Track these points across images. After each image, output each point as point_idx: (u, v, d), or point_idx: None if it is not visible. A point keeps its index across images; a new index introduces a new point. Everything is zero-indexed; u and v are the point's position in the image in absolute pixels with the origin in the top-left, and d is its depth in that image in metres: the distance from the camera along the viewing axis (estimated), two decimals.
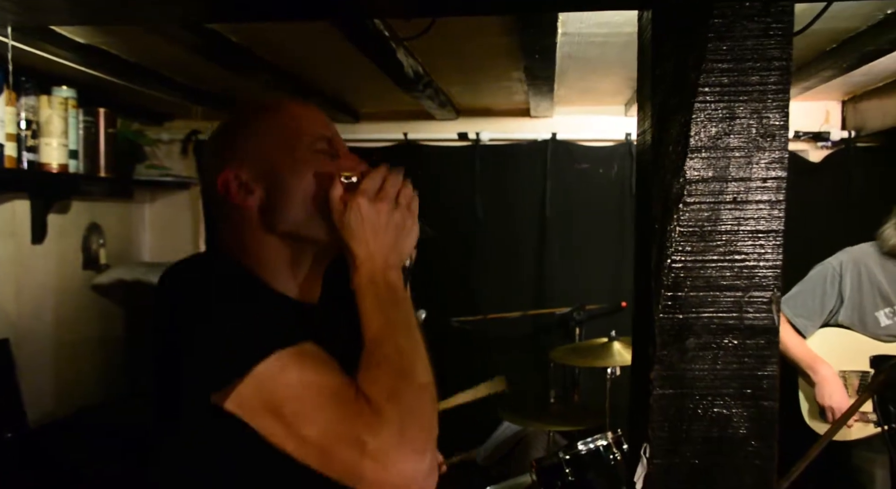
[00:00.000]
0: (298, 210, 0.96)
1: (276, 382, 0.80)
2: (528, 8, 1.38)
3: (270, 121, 1.00)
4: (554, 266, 3.16)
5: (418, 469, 0.79)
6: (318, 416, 0.79)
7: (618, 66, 2.34)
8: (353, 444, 0.78)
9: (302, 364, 0.82)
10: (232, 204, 0.97)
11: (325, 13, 1.26)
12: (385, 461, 0.77)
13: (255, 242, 0.98)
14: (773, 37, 0.94)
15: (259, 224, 0.97)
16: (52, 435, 2.37)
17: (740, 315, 0.97)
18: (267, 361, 0.80)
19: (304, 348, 0.83)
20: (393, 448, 0.78)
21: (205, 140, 3.34)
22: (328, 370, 0.83)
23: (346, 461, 0.78)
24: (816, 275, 2.38)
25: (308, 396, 0.80)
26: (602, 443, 2.11)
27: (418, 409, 0.82)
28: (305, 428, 0.79)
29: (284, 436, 0.80)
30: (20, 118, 2.37)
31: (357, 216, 0.91)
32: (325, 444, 0.79)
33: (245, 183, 0.97)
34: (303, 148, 0.98)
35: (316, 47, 2.16)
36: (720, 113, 0.95)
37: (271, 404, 0.80)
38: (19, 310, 2.58)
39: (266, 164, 0.97)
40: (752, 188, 0.96)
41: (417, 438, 0.80)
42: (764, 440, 0.97)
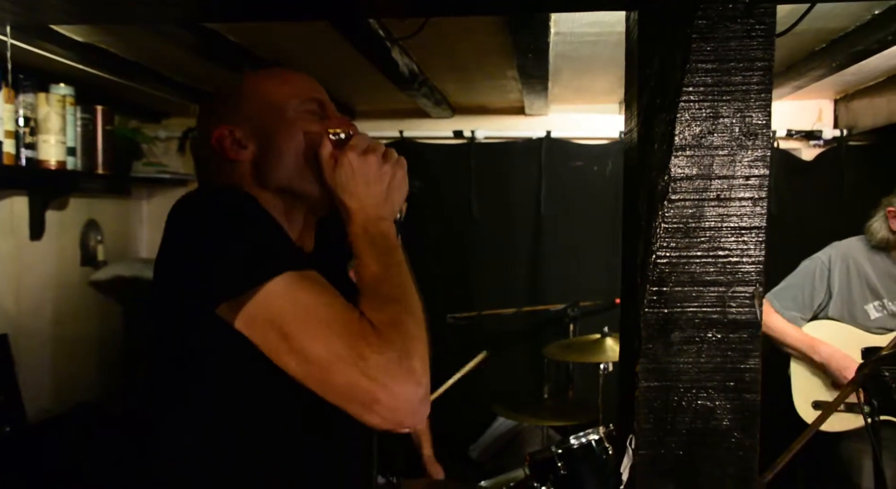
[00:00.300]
0: (289, 166, 1.00)
1: (284, 299, 0.82)
2: (517, 9, 1.40)
3: (265, 83, 1.04)
4: (548, 263, 3.18)
5: (416, 393, 0.81)
6: (322, 333, 0.81)
7: (611, 64, 2.36)
8: (355, 363, 0.80)
9: (310, 286, 0.84)
10: (225, 158, 1.00)
11: (321, 13, 1.28)
12: (385, 381, 0.80)
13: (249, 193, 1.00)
14: (756, 38, 0.96)
15: (252, 178, 1.01)
16: (50, 430, 2.39)
17: (724, 309, 0.99)
18: (277, 279, 0.82)
19: (312, 274, 0.86)
20: (393, 369, 0.80)
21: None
22: (334, 294, 0.86)
23: (347, 379, 0.80)
24: (805, 270, 2.40)
25: (314, 314, 0.82)
26: (594, 438, 2.14)
27: (418, 338, 0.85)
28: (310, 344, 0.81)
29: (288, 352, 0.82)
30: (18, 115, 2.39)
31: (348, 170, 0.95)
32: (328, 361, 0.80)
33: (238, 139, 1.00)
34: (294, 108, 1.01)
35: (313, 46, 2.18)
36: (704, 112, 0.97)
37: (278, 320, 0.82)
38: (18, 306, 2.60)
39: (259, 121, 1.01)
40: (735, 186, 0.98)
41: (416, 364, 0.82)
42: (746, 431, 1.00)
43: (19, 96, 2.40)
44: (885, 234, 2.24)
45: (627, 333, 1.07)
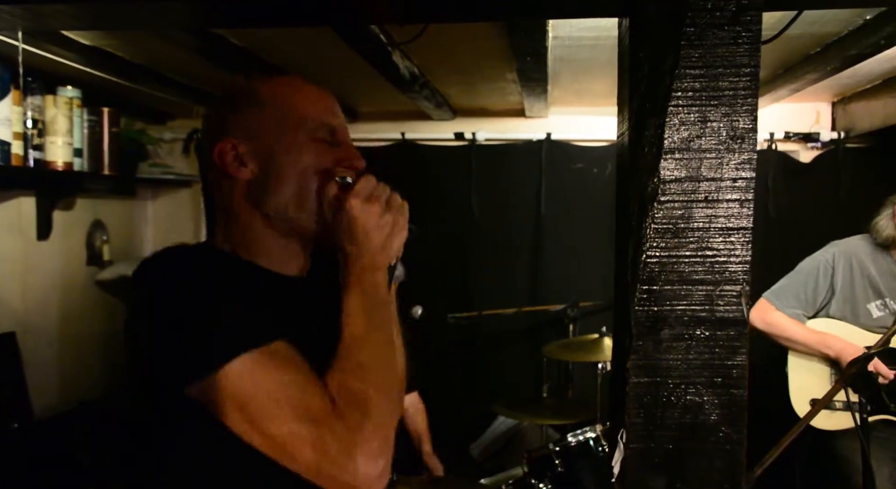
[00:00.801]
0: (287, 195, 0.97)
1: (243, 380, 0.83)
2: (512, 16, 1.43)
3: (279, 97, 1.00)
4: (548, 264, 3.21)
5: (374, 471, 0.84)
6: (281, 417, 0.83)
7: (609, 68, 2.38)
8: (314, 445, 0.82)
9: (271, 364, 0.85)
10: (224, 173, 0.99)
11: (323, 20, 1.32)
12: (343, 462, 0.82)
13: (242, 215, 0.99)
14: (743, 44, 0.99)
15: (245, 198, 0.98)
16: (56, 426, 2.43)
17: (711, 308, 1.02)
18: (236, 361, 0.83)
19: (276, 347, 0.86)
20: (352, 451, 0.82)
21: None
22: (297, 371, 0.86)
23: (307, 459, 0.83)
24: (808, 268, 2.39)
25: (274, 396, 0.83)
26: (591, 435, 2.17)
27: (378, 418, 0.86)
28: (269, 427, 0.83)
29: (250, 432, 0.84)
30: (27, 117, 2.43)
31: (350, 216, 0.93)
32: (287, 443, 0.83)
33: (241, 155, 0.98)
34: (304, 133, 0.98)
35: (315, 50, 2.21)
36: (692, 116, 1.00)
37: (238, 401, 0.83)
38: (25, 304, 2.64)
39: (265, 140, 0.98)
40: (722, 187, 1.01)
41: (374, 443, 0.84)
42: (734, 426, 1.03)
43: (27, 98, 2.44)
44: (891, 232, 2.26)
45: (619, 331, 1.10)
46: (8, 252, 2.59)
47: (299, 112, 0.99)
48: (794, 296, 2.37)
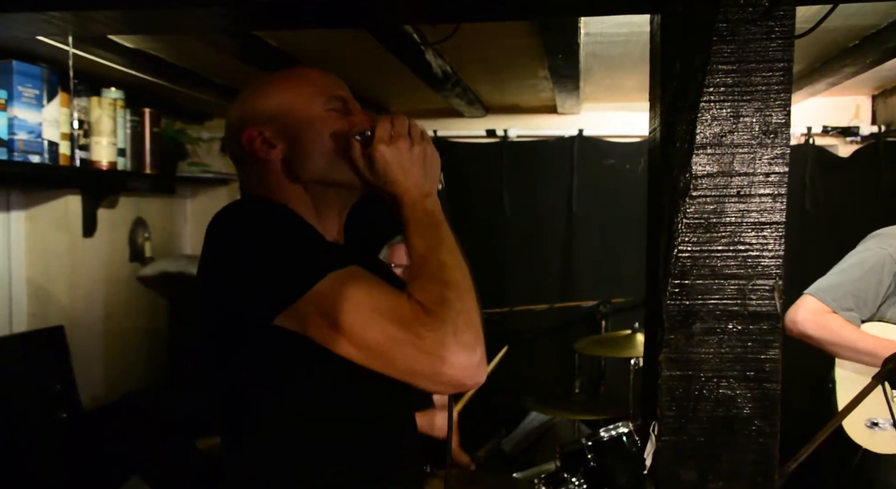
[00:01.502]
0: (320, 161, 1.05)
1: (335, 297, 0.88)
2: (542, 15, 1.45)
3: (289, 83, 1.09)
4: (580, 260, 3.21)
5: (471, 361, 0.89)
6: (377, 321, 0.88)
7: (642, 63, 2.38)
8: (412, 343, 0.87)
9: (356, 281, 0.91)
10: (256, 158, 1.06)
11: (358, 22, 1.35)
12: (442, 354, 0.87)
13: (281, 190, 1.06)
14: (776, 39, 1.00)
15: (284, 174, 1.06)
16: (103, 417, 2.52)
17: (744, 302, 1.02)
18: (324, 281, 0.89)
19: (354, 269, 0.93)
20: (447, 343, 0.87)
21: None
22: (379, 284, 0.92)
23: (407, 359, 0.88)
24: (867, 263, 2.01)
25: (366, 305, 0.89)
26: (624, 431, 2.17)
27: (465, 311, 0.91)
28: (367, 333, 0.88)
29: (348, 344, 0.89)
30: (73, 118, 2.52)
31: (382, 163, 1.00)
32: (387, 346, 0.88)
33: (268, 139, 1.05)
34: (318, 106, 1.07)
35: (349, 49, 2.25)
36: (725, 112, 1.01)
37: (332, 318, 0.88)
38: (72, 300, 2.74)
39: (286, 120, 1.06)
40: (755, 182, 1.01)
41: (467, 335, 0.89)
42: (767, 420, 1.03)
43: (73, 100, 2.54)
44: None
45: (651, 324, 1.11)
46: (56, 249, 2.69)
47: (311, 89, 1.08)
48: (852, 294, 1.99)
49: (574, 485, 2.11)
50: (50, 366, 2.37)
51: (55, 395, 2.34)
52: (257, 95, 1.10)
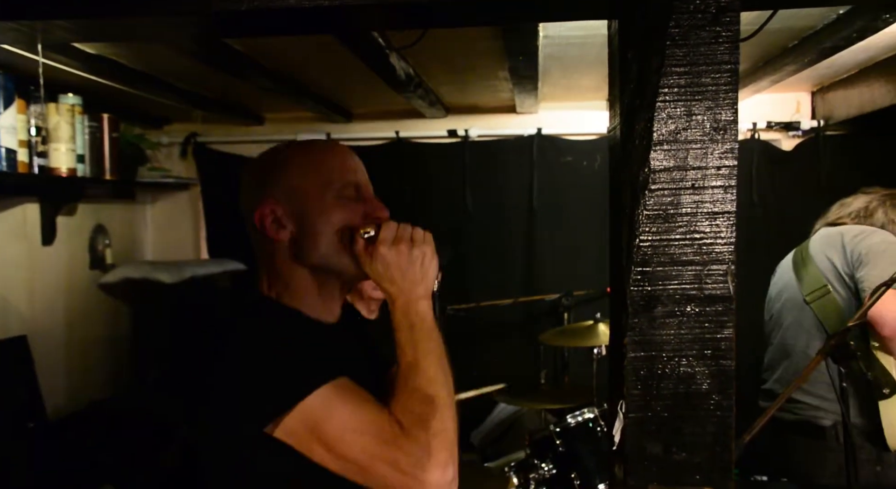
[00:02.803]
0: (325, 248, 1.09)
1: (320, 414, 0.94)
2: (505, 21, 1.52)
3: (306, 164, 1.12)
4: (542, 255, 3.31)
5: (444, 479, 0.95)
6: (357, 441, 0.94)
7: (597, 64, 2.48)
8: (389, 463, 0.94)
9: (342, 397, 0.96)
10: (266, 237, 1.10)
11: (327, 28, 1.39)
12: (416, 475, 0.94)
13: (286, 271, 1.11)
14: (723, 43, 1.08)
15: (290, 255, 1.10)
16: (70, 426, 2.49)
17: (700, 286, 1.11)
18: (312, 396, 0.94)
19: (342, 382, 0.98)
20: (422, 464, 0.94)
21: (206, 146, 3.47)
22: (363, 401, 0.98)
23: (384, 476, 0.94)
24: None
25: (349, 424, 0.95)
26: (589, 416, 2.26)
27: (442, 431, 0.97)
28: (347, 451, 0.94)
29: (329, 458, 0.95)
30: (30, 125, 2.49)
31: (383, 263, 1.05)
32: (365, 464, 0.94)
33: (279, 218, 1.09)
34: (332, 194, 1.10)
35: (313, 53, 2.28)
36: (679, 111, 1.09)
37: (317, 432, 0.94)
38: (33, 309, 2.70)
39: (298, 204, 1.09)
40: (708, 175, 1.10)
41: (442, 455, 0.95)
42: (723, 394, 1.11)
43: (30, 107, 2.50)
44: None
45: (616, 310, 1.19)
46: (14, 258, 2.64)
47: (326, 174, 1.11)
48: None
49: (544, 471, 2.19)
50: (14, 377, 2.33)
51: (20, 405, 2.31)
52: (270, 170, 1.12)
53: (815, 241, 2.09)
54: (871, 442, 1.90)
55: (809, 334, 2.03)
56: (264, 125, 3.53)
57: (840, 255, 1.99)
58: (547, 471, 2.20)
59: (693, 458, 1.11)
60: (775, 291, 2.22)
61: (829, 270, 2.00)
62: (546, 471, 2.20)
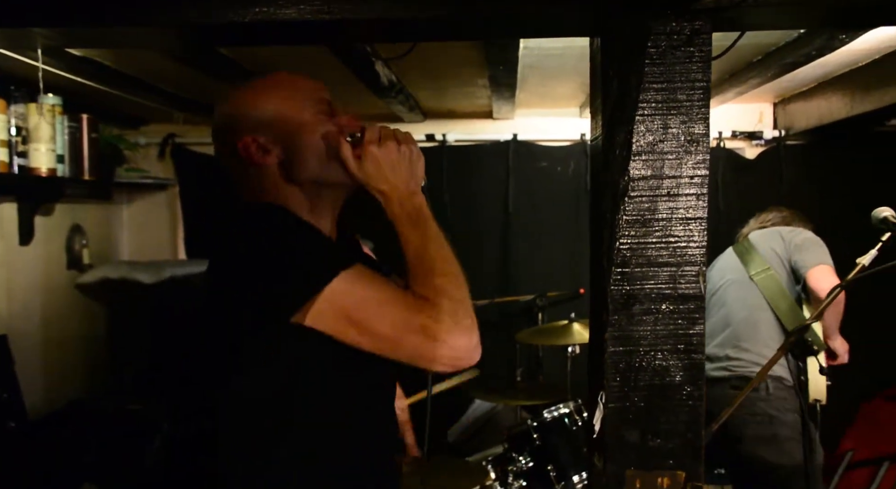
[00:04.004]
0: (314, 162, 1.14)
1: (346, 295, 0.99)
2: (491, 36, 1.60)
3: (278, 90, 1.17)
4: (517, 257, 3.40)
5: (470, 343, 1.03)
6: (387, 315, 1.00)
7: (573, 73, 2.58)
8: (419, 331, 0.99)
9: (363, 278, 1.02)
10: (252, 163, 1.14)
11: (322, 40, 1.46)
12: (446, 339, 1.00)
13: (278, 192, 1.15)
14: (696, 62, 1.18)
15: (281, 177, 1.14)
16: (51, 425, 2.49)
17: (674, 286, 1.20)
18: (335, 280, 0.99)
19: (360, 267, 1.03)
20: (450, 329, 1.00)
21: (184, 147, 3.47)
22: (383, 281, 1.04)
23: (415, 344, 1.00)
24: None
25: (375, 301, 1.00)
26: (565, 411, 2.36)
27: (462, 299, 1.05)
28: (378, 326, 1.00)
29: (360, 336, 1.00)
30: (10, 125, 2.49)
31: (373, 162, 1.09)
32: (396, 335, 1.00)
33: (262, 145, 1.13)
34: (308, 111, 1.15)
35: (296, 57, 2.33)
36: (656, 124, 1.18)
37: (345, 313, 0.99)
38: (10, 309, 2.69)
39: (279, 126, 1.14)
40: (682, 184, 1.19)
41: (467, 321, 1.03)
42: (695, 385, 1.21)
43: (11, 107, 2.50)
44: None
45: (597, 307, 1.27)
46: None
47: (299, 95, 1.17)
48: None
49: (521, 464, 2.28)
50: None
51: (1, 405, 2.31)
52: (248, 104, 1.17)
53: (756, 238, 2.68)
54: (792, 393, 2.32)
55: (753, 306, 2.53)
56: None
57: (780, 245, 2.57)
58: (524, 464, 2.28)
59: (667, 444, 1.20)
60: (717, 277, 2.72)
61: (771, 257, 2.56)
62: (523, 464, 2.28)
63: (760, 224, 2.76)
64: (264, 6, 1.18)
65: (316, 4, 1.18)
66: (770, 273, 2.52)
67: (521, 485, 2.27)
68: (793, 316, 2.42)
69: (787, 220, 2.71)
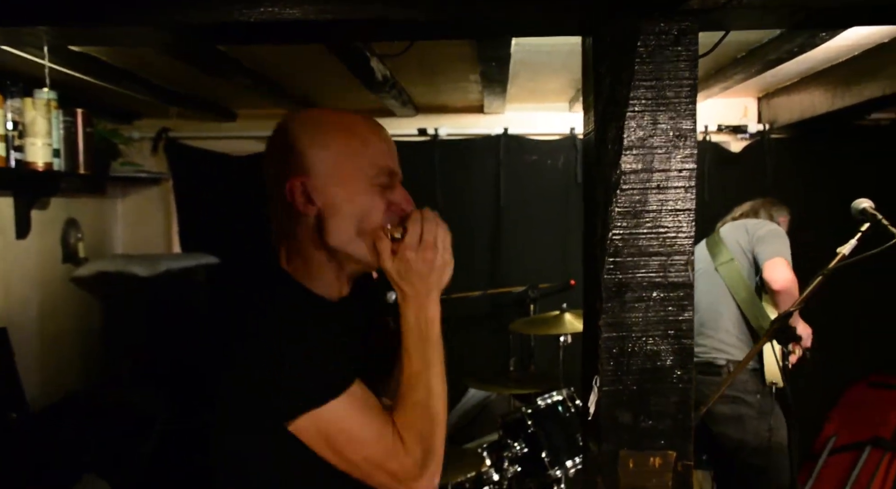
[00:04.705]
0: (347, 233, 1.10)
1: (330, 423, 1.02)
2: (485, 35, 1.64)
3: (343, 141, 1.11)
4: (509, 249, 3.46)
5: (430, 483, 1.08)
6: (362, 451, 1.04)
7: (563, 69, 2.64)
8: (389, 474, 1.05)
9: (354, 408, 1.03)
10: (294, 209, 1.10)
11: (323, 39, 1.50)
12: (408, 481, 1.06)
13: (306, 247, 1.12)
14: (684, 61, 1.23)
15: (312, 232, 1.11)
16: (53, 416, 2.52)
17: (664, 274, 1.26)
18: (328, 405, 1.01)
19: (354, 390, 1.04)
20: (416, 477, 1.06)
21: (178, 141, 3.49)
22: (372, 412, 1.05)
23: (382, 482, 1.06)
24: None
25: (355, 436, 1.04)
26: (558, 398, 2.42)
27: (437, 448, 1.09)
28: (352, 457, 1.04)
29: (334, 457, 1.04)
30: (7, 119, 2.50)
31: (405, 264, 1.08)
32: (367, 470, 1.05)
33: (308, 193, 1.09)
34: (366, 180, 1.10)
35: (292, 53, 2.36)
36: (646, 120, 1.23)
37: (327, 436, 1.03)
38: (7, 302, 2.71)
39: (329, 182, 1.09)
40: (671, 177, 1.25)
41: (432, 467, 1.08)
42: (684, 369, 1.27)
43: (7, 101, 2.51)
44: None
45: (590, 296, 1.33)
46: None
47: (362, 157, 1.11)
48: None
49: (516, 450, 2.34)
50: None
51: (2, 396, 2.34)
52: (311, 140, 1.11)
53: (724, 231, 2.83)
54: (753, 377, 2.52)
55: (716, 295, 2.70)
56: (236, 121, 3.58)
57: (744, 237, 2.72)
58: (519, 450, 2.34)
59: (658, 426, 1.26)
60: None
61: (735, 249, 2.72)
62: (518, 450, 2.34)
63: (733, 216, 2.90)
64: (269, 6, 1.22)
65: (319, 4, 1.22)
66: (734, 264, 2.67)
67: (516, 470, 2.34)
68: (752, 305, 2.59)
69: (757, 212, 2.83)
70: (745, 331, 2.65)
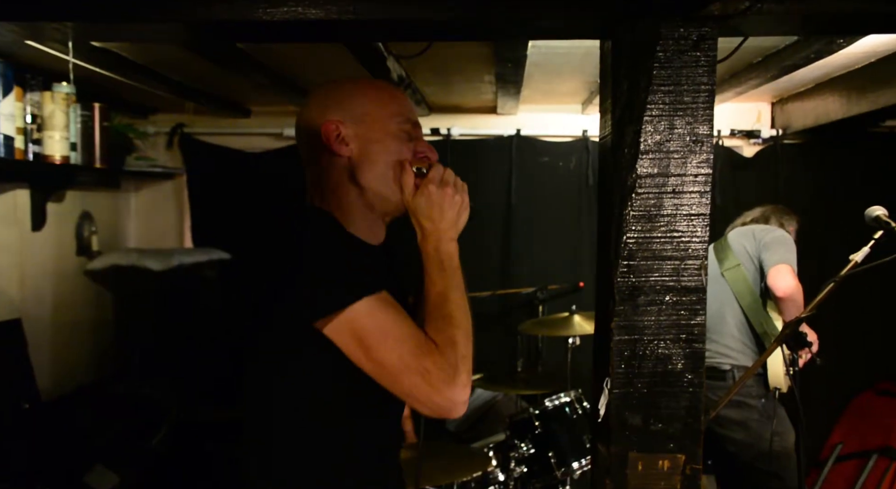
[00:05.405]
0: (378, 173, 1.19)
1: (366, 319, 1.05)
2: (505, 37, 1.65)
3: (377, 93, 1.23)
4: (519, 250, 3.46)
5: (461, 397, 1.09)
6: (396, 349, 1.05)
7: (578, 71, 2.64)
8: (421, 373, 1.05)
9: (385, 308, 1.07)
10: (329, 149, 1.18)
11: (344, 38, 1.51)
12: (442, 388, 1.06)
13: (340, 188, 1.20)
14: (702, 67, 1.24)
15: (346, 173, 1.19)
16: (65, 407, 2.55)
17: (678, 278, 1.27)
18: (359, 302, 1.05)
19: (385, 296, 1.09)
20: (448, 379, 1.06)
21: (193, 137, 3.52)
22: (402, 316, 1.09)
23: (413, 384, 1.06)
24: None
25: (390, 333, 1.06)
26: (566, 400, 2.43)
27: (467, 356, 1.10)
28: (384, 357, 1.05)
29: (365, 360, 1.06)
30: (26, 113, 2.53)
31: (427, 198, 1.16)
32: (399, 370, 1.06)
33: (343, 136, 1.18)
34: (395, 124, 1.20)
35: (308, 51, 2.38)
36: (663, 125, 1.24)
37: (360, 335, 1.05)
38: (23, 293, 2.74)
39: (364, 127, 1.19)
40: (686, 182, 1.26)
41: (465, 376, 1.09)
42: (695, 373, 1.28)
43: (27, 95, 2.54)
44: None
45: (603, 298, 1.34)
46: (5, 242, 2.68)
47: (393, 109, 1.22)
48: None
49: (523, 450, 2.35)
50: (9, 358, 2.39)
51: (14, 387, 2.37)
52: (346, 92, 1.22)
53: (732, 236, 2.83)
54: (758, 382, 2.55)
55: (721, 301, 2.70)
56: (250, 118, 3.61)
57: (751, 243, 2.72)
58: (525, 450, 2.35)
59: (668, 429, 1.27)
60: None
61: (742, 254, 2.72)
62: (525, 450, 2.35)
63: (743, 221, 2.90)
64: (293, 6, 1.24)
65: (341, 5, 1.23)
66: (740, 269, 2.68)
67: (523, 470, 2.35)
68: (756, 310, 2.60)
69: (767, 218, 2.82)
70: (749, 337, 2.66)
